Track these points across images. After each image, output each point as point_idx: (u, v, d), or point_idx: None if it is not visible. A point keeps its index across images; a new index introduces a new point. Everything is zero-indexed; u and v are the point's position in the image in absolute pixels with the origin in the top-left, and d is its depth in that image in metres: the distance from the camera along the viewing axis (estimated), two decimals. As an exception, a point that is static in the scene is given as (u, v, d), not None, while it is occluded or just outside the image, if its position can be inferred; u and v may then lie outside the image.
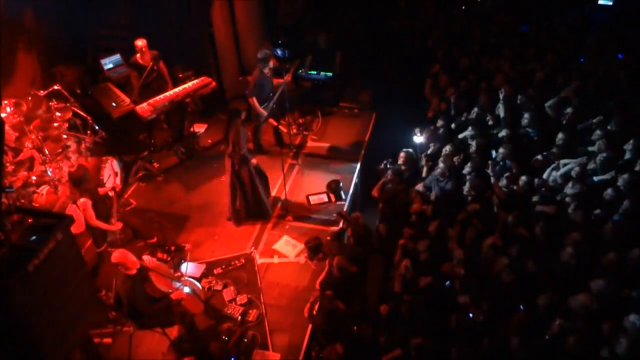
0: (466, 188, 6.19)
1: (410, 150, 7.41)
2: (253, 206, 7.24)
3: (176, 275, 6.02)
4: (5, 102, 6.89)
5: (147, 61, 8.02)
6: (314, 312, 5.58)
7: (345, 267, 5.58)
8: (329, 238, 6.78)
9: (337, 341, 5.36)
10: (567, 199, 5.78)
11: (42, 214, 5.02)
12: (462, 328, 4.81)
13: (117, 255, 5.18)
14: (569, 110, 6.86)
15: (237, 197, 7.12)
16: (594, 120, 6.65)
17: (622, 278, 4.97)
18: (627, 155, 6.16)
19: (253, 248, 7.04)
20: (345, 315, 5.52)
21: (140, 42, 7.90)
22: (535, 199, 5.97)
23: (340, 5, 10.38)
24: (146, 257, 5.73)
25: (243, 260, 6.80)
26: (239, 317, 6.07)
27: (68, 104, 7.62)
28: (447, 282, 5.33)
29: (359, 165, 8.41)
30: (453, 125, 7.60)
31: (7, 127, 6.79)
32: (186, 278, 6.00)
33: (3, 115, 6.73)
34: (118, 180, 7.65)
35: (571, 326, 4.61)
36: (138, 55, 8.02)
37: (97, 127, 7.93)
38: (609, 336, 4.51)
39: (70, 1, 7.27)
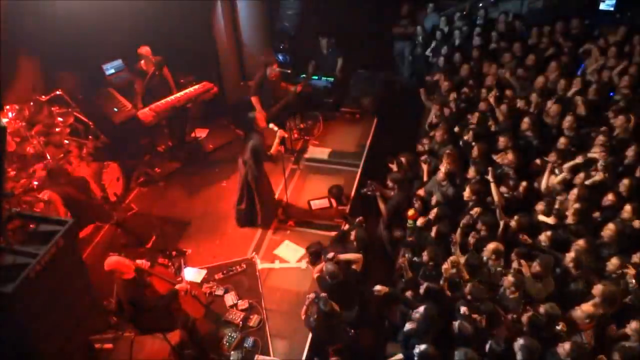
0: (467, 193, 6.18)
1: (411, 154, 7.40)
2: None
3: (177, 280, 6.01)
4: (7, 107, 6.91)
5: (150, 67, 8.08)
6: (312, 317, 5.54)
7: (334, 273, 5.57)
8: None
9: (333, 349, 5.35)
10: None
11: (44, 220, 5.02)
12: (464, 333, 4.79)
13: (110, 261, 5.09)
14: (569, 115, 6.86)
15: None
16: (602, 129, 6.65)
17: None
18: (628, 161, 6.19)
19: (254, 253, 7.03)
20: (341, 318, 5.50)
21: (143, 50, 8.00)
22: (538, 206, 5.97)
23: (341, 11, 10.40)
24: (140, 262, 5.68)
25: (244, 266, 6.80)
26: (240, 322, 6.06)
27: (70, 109, 7.64)
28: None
29: (360, 170, 8.41)
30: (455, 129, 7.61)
31: (8, 133, 6.80)
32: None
33: (5, 120, 6.74)
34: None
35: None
36: (142, 62, 8.10)
37: (98, 132, 7.95)
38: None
39: (72, 6, 7.29)
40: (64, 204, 6.34)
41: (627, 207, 5.49)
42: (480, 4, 9.91)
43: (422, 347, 4.55)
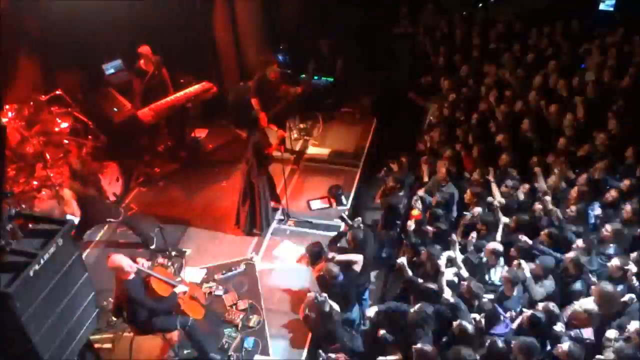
0: (468, 195, 6.18)
1: (411, 154, 7.41)
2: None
3: (176, 280, 6.01)
4: (7, 107, 6.91)
5: (149, 67, 8.09)
6: (310, 316, 5.54)
7: (334, 273, 5.57)
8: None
9: (333, 349, 5.34)
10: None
11: (43, 219, 5.00)
12: (463, 333, 4.80)
13: (113, 260, 5.11)
14: (569, 114, 6.87)
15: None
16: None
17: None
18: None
19: (254, 253, 7.03)
20: (341, 318, 5.50)
21: (143, 49, 8.00)
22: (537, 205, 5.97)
23: (341, 11, 10.41)
24: (141, 260, 5.68)
25: (244, 266, 6.79)
26: (240, 322, 6.06)
27: (69, 109, 7.65)
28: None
29: (359, 170, 8.41)
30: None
31: (8, 132, 6.80)
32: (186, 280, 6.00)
33: (4, 120, 6.74)
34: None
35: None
36: (142, 61, 8.10)
37: (98, 132, 7.95)
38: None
39: (72, 6, 7.31)
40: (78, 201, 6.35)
41: (627, 208, 5.50)
42: (480, 4, 9.92)
43: (418, 346, 4.55)
